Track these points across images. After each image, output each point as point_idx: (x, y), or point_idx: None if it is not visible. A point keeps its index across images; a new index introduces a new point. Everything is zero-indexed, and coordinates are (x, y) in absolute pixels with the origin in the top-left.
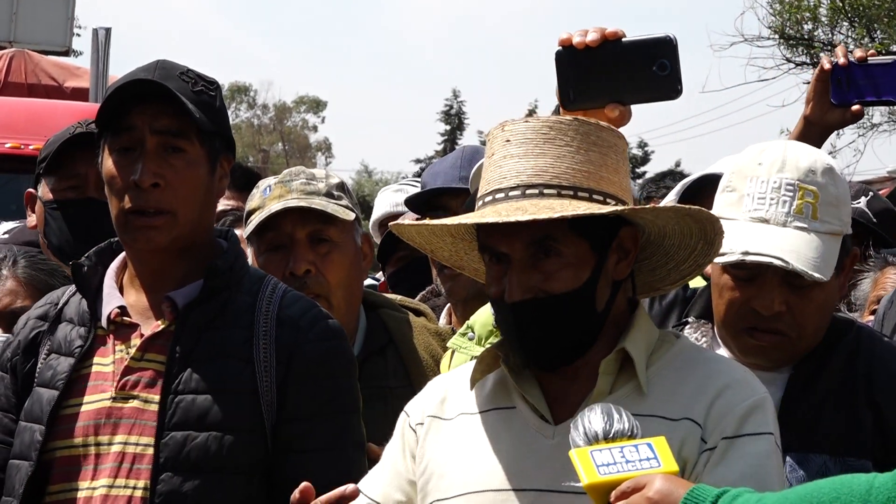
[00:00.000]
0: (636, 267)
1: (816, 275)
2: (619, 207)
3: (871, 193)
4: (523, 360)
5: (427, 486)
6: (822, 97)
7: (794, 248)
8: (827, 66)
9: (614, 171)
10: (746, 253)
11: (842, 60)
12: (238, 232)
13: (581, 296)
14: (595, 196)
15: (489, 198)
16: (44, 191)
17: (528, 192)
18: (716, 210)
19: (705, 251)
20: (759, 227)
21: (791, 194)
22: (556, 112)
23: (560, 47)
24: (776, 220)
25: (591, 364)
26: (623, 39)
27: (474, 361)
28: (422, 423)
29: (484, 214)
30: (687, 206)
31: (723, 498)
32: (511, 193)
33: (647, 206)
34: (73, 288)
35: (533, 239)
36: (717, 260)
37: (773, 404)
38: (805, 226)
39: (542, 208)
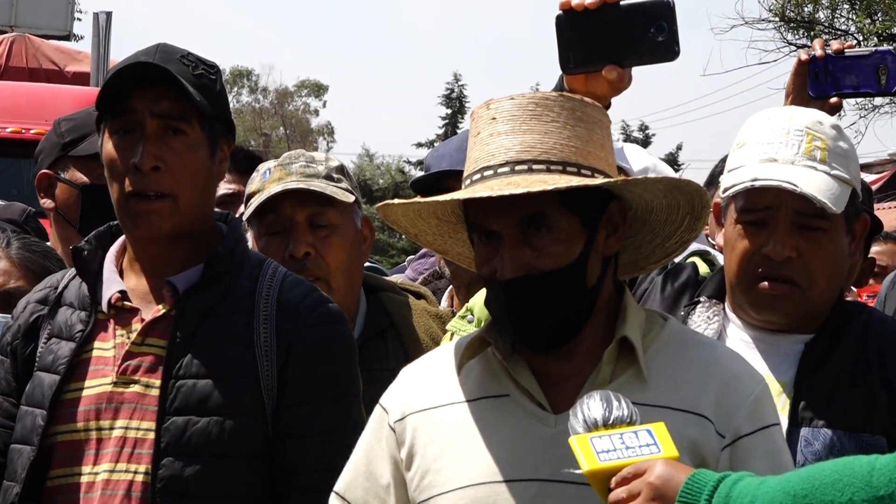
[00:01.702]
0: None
1: (826, 202)
2: (612, 179)
3: None
4: (516, 339)
5: (423, 481)
6: (801, 90)
7: (804, 178)
8: (804, 58)
9: (601, 147)
10: (755, 180)
11: (819, 53)
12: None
13: (573, 271)
14: (584, 171)
15: (477, 175)
16: (74, 174)
17: (517, 167)
18: (728, 164)
19: (691, 226)
20: (767, 164)
21: (800, 138)
22: (560, 83)
23: (560, 11)
24: (785, 160)
25: (583, 347)
26: (621, 3)
27: (459, 348)
28: (402, 420)
29: (475, 191)
30: (677, 178)
31: (724, 482)
32: (500, 170)
33: (638, 178)
34: (72, 272)
35: (524, 215)
36: (728, 193)
37: (769, 389)
38: (814, 165)
39: (533, 183)
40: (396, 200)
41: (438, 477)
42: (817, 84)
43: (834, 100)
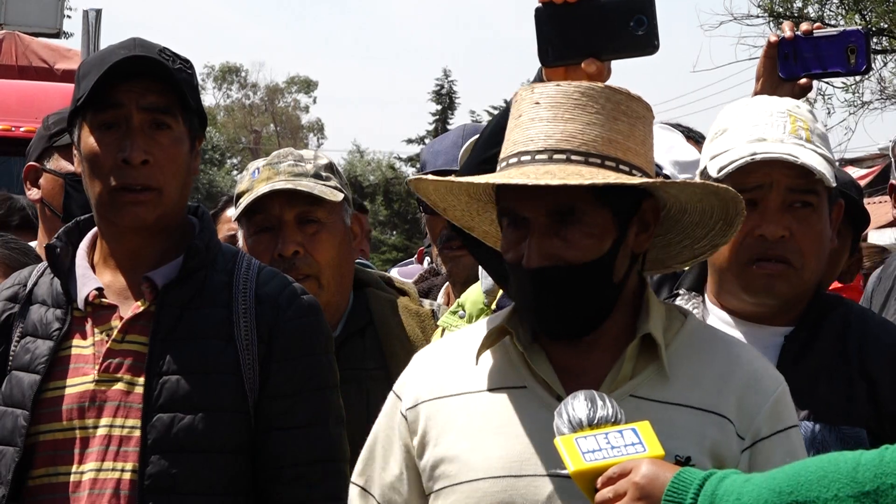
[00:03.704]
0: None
1: (825, 173)
2: (648, 180)
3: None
4: (538, 328)
5: (435, 471)
6: (770, 73)
7: (798, 152)
8: (773, 39)
9: (641, 143)
10: (754, 154)
11: (788, 34)
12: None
13: (601, 266)
14: (622, 166)
15: (514, 159)
16: (58, 164)
17: (555, 156)
18: (710, 152)
19: (723, 231)
20: (758, 143)
21: (784, 119)
22: (539, 76)
23: (539, 4)
24: (774, 138)
25: (603, 339)
26: None
27: (476, 335)
28: (414, 407)
29: (510, 176)
30: (715, 184)
31: (710, 480)
32: (538, 157)
33: (676, 181)
34: (40, 268)
35: (557, 206)
36: (721, 174)
37: (788, 390)
38: (801, 143)
39: (570, 174)
40: (430, 177)
41: (452, 467)
42: (787, 65)
43: (804, 81)
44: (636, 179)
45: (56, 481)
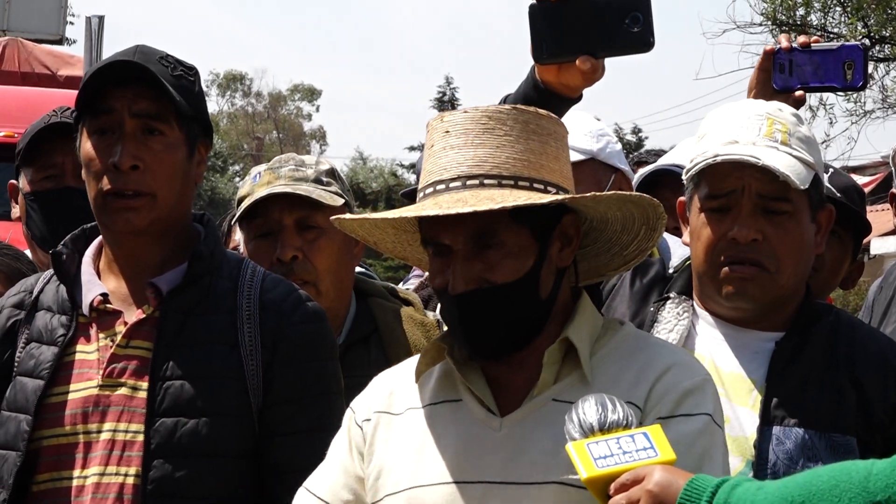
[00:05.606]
0: (579, 253)
1: (790, 175)
2: (560, 196)
3: (831, 170)
4: (469, 351)
5: (377, 481)
6: (764, 84)
7: (766, 155)
8: (769, 49)
9: (554, 160)
10: (717, 155)
11: (784, 45)
12: None
13: (525, 285)
14: (536, 185)
15: (430, 189)
16: (23, 182)
17: (468, 182)
18: (690, 156)
19: (647, 236)
20: (729, 146)
21: (760, 122)
22: (531, 74)
23: (534, 0)
24: (746, 141)
25: (536, 353)
26: None
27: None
28: (368, 420)
29: (424, 207)
30: (628, 193)
31: (722, 487)
32: (451, 185)
33: (587, 194)
34: (46, 275)
35: (475, 230)
36: (690, 174)
37: (714, 387)
38: (775, 146)
39: (482, 199)
40: (347, 216)
41: (390, 478)
42: (782, 77)
43: (798, 93)
44: (548, 197)
45: (59, 486)
